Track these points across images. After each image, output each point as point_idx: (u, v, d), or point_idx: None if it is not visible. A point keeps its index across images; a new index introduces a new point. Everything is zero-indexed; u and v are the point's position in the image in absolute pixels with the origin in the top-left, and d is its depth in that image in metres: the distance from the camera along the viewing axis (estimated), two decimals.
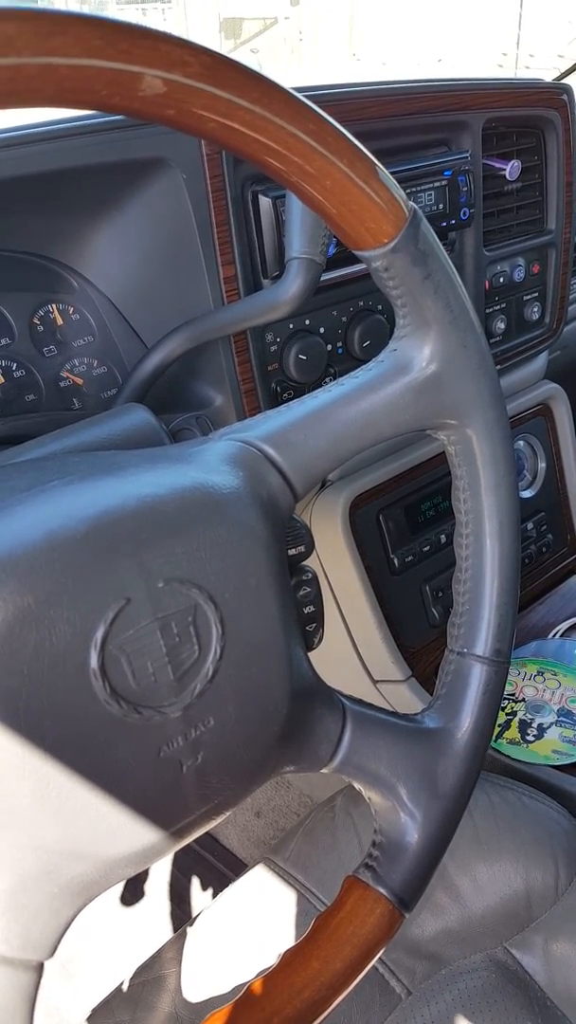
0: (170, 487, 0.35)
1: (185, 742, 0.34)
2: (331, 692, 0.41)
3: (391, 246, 0.38)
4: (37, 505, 0.33)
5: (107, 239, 0.66)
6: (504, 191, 0.93)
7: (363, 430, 0.41)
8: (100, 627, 0.31)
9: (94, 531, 0.32)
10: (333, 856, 0.71)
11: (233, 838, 1.30)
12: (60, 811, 0.31)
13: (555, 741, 0.85)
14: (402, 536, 0.92)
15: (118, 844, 0.33)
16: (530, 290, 0.98)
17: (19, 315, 0.65)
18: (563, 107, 0.92)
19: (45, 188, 0.58)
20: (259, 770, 0.38)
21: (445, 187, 0.79)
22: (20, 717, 0.30)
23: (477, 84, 0.83)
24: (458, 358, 0.42)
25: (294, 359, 0.73)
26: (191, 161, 0.61)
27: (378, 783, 0.42)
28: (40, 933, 0.33)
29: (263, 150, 0.33)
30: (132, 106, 0.30)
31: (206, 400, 0.70)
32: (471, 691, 0.45)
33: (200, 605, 0.34)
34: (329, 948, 0.40)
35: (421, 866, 0.42)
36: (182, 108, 0.31)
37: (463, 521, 0.45)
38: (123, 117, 0.33)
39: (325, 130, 0.34)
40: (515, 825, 0.70)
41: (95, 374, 0.69)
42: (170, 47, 0.30)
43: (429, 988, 0.64)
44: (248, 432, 0.40)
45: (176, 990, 0.65)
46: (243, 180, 0.65)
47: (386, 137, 0.78)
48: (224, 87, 0.31)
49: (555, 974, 0.64)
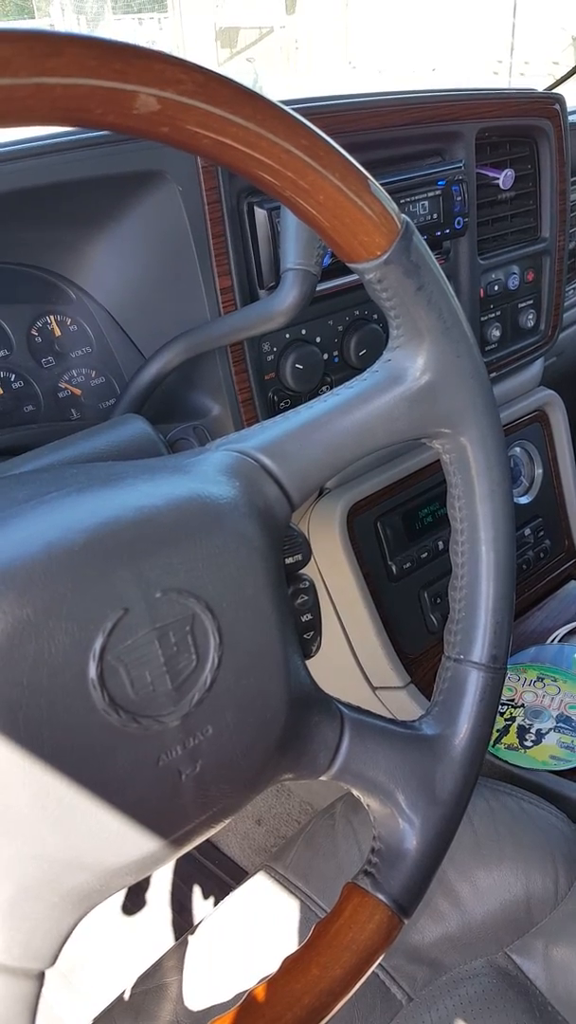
0: (167, 498, 0.35)
1: (184, 751, 0.34)
2: (329, 700, 0.42)
3: (384, 258, 0.38)
4: (36, 517, 0.33)
5: (104, 251, 0.67)
6: (498, 200, 0.93)
7: (358, 440, 0.42)
8: (99, 637, 0.32)
9: (92, 542, 0.33)
10: (333, 863, 0.71)
11: (234, 846, 1.30)
12: (60, 820, 0.32)
13: (553, 747, 0.85)
14: (400, 543, 0.92)
15: (118, 853, 0.33)
16: (525, 297, 0.99)
17: (17, 327, 0.65)
18: (556, 116, 0.93)
19: (42, 201, 0.59)
20: (258, 778, 0.38)
21: (439, 197, 0.80)
22: (20, 727, 0.30)
23: (470, 94, 0.84)
24: (451, 368, 0.42)
25: (291, 368, 0.73)
26: (187, 174, 0.62)
27: (376, 790, 0.42)
28: (41, 942, 0.33)
29: (257, 165, 0.34)
30: (127, 124, 0.30)
31: (203, 410, 0.71)
32: (468, 698, 0.45)
33: (198, 615, 0.34)
34: (328, 955, 0.40)
35: (420, 872, 0.43)
36: (176, 125, 0.31)
37: (458, 529, 0.46)
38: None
39: (317, 145, 0.35)
40: (514, 830, 0.70)
41: (93, 385, 0.69)
42: (164, 65, 0.30)
43: (430, 994, 0.64)
44: (244, 442, 0.40)
45: (177, 998, 0.65)
46: (239, 192, 0.65)
47: (380, 148, 0.78)
48: (217, 104, 0.32)
49: (556, 979, 0.64)
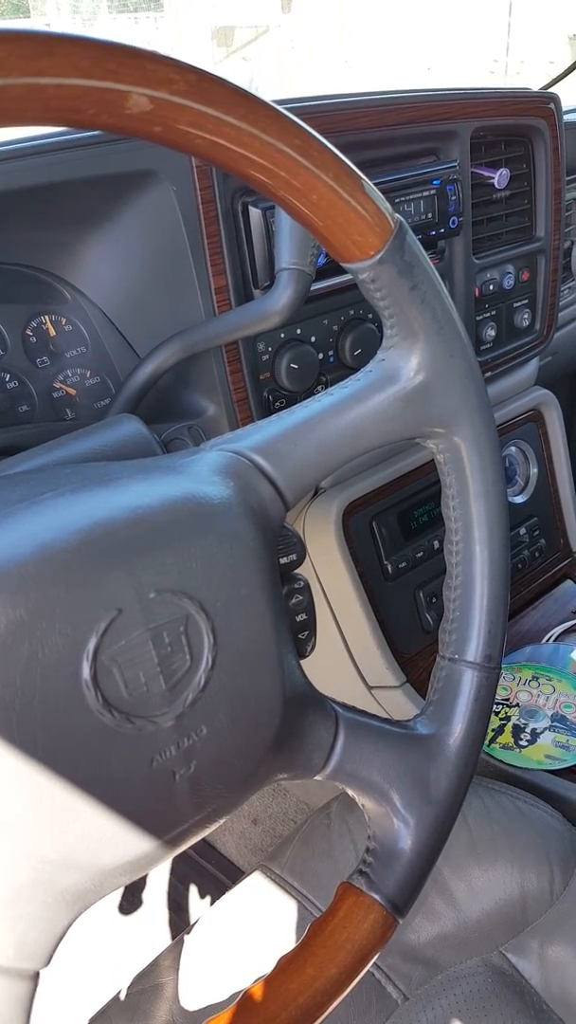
0: (161, 498, 0.35)
1: (178, 751, 0.34)
2: (323, 699, 0.42)
3: (377, 258, 0.38)
4: (29, 517, 0.33)
5: (99, 251, 0.67)
6: (493, 199, 0.93)
7: (352, 440, 0.42)
8: (92, 638, 0.32)
9: (86, 543, 0.33)
10: (329, 863, 0.71)
11: (230, 845, 1.30)
12: (54, 821, 0.32)
13: (548, 746, 0.85)
14: (395, 542, 0.92)
15: (112, 853, 0.34)
16: (520, 297, 0.99)
17: (12, 327, 0.65)
18: (550, 115, 0.93)
19: (37, 201, 0.59)
20: (252, 778, 0.38)
21: (434, 196, 0.80)
22: (13, 728, 0.30)
23: (465, 94, 0.84)
24: (445, 368, 0.42)
25: (286, 368, 0.73)
26: (181, 173, 0.62)
27: (371, 789, 0.42)
28: (35, 942, 0.33)
29: (250, 165, 0.34)
30: (119, 124, 0.30)
31: (198, 410, 0.71)
32: (462, 697, 0.45)
33: (192, 615, 0.34)
34: (323, 954, 0.40)
35: (414, 872, 0.43)
36: (168, 125, 0.31)
37: (453, 528, 0.46)
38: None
39: (310, 145, 0.35)
40: (510, 829, 0.70)
41: (88, 384, 0.69)
42: (156, 65, 0.30)
43: (425, 993, 0.64)
44: (238, 442, 0.40)
45: (174, 998, 0.65)
46: (233, 192, 0.65)
47: (375, 147, 0.78)
48: (210, 104, 0.32)
49: (551, 978, 0.65)
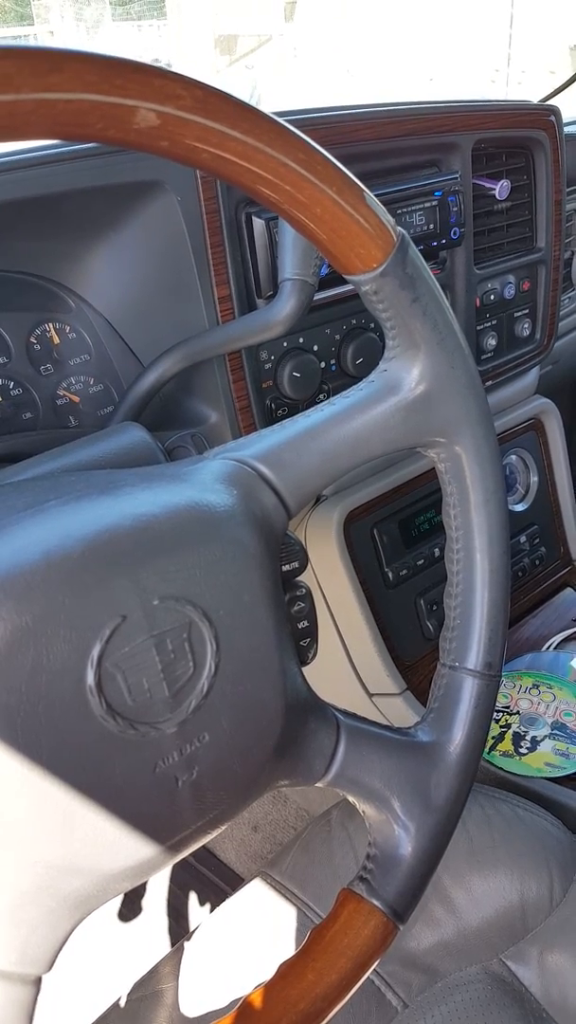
0: (165, 506, 0.36)
1: (180, 757, 0.35)
2: (325, 706, 0.42)
3: (380, 271, 0.39)
4: (34, 525, 0.34)
5: (103, 260, 0.67)
6: (494, 210, 0.94)
7: (354, 448, 0.42)
8: (96, 644, 0.32)
9: (90, 550, 0.33)
10: (329, 869, 0.71)
11: (230, 852, 1.30)
12: (57, 826, 0.32)
13: (548, 754, 0.85)
14: (396, 550, 0.93)
15: (115, 858, 0.34)
16: (521, 306, 1.00)
17: (16, 334, 0.65)
18: (551, 127, 0.94)
19: (42, 211, 0.59)
20: (254, 784, 0.38)
21: (435, 207, 0.80)
22: (17, 734, 0.31)
23: (466, 106, 0.85)
24: (446, 378, 0.42)
25: (288, 377, 0.74)
26: (186, 184, 0.62)
27: (372, 796, 0.42)
28: (38, 947, 0.33)
29: (255, 179, 0.34)
30: (127, 138, 0.31)
31: (201, 417, 0.71)
32: (463, 705, 0.45)
33: (195, 622, 0.35)
34: (324, 961, 0.40)
35: (415, 878, 0.43)
36: (175, 140, 0.32)
37: (453, 537, 0.46)
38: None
39: (314, 159, 0.35)
40: (509, 837, 0.70)
41: (92, 392, 0.70)
42: (163, 81, 0.31)
43: (425, 1001, 0.64)
44: (242, 451, 0.41)
45: (173, 1005, 0.65)
46: (237, 202, 0.66)
47: (377, 159, 0.79)
48: (216, 119, 0.32)
49: (550, 985, 0.65)
